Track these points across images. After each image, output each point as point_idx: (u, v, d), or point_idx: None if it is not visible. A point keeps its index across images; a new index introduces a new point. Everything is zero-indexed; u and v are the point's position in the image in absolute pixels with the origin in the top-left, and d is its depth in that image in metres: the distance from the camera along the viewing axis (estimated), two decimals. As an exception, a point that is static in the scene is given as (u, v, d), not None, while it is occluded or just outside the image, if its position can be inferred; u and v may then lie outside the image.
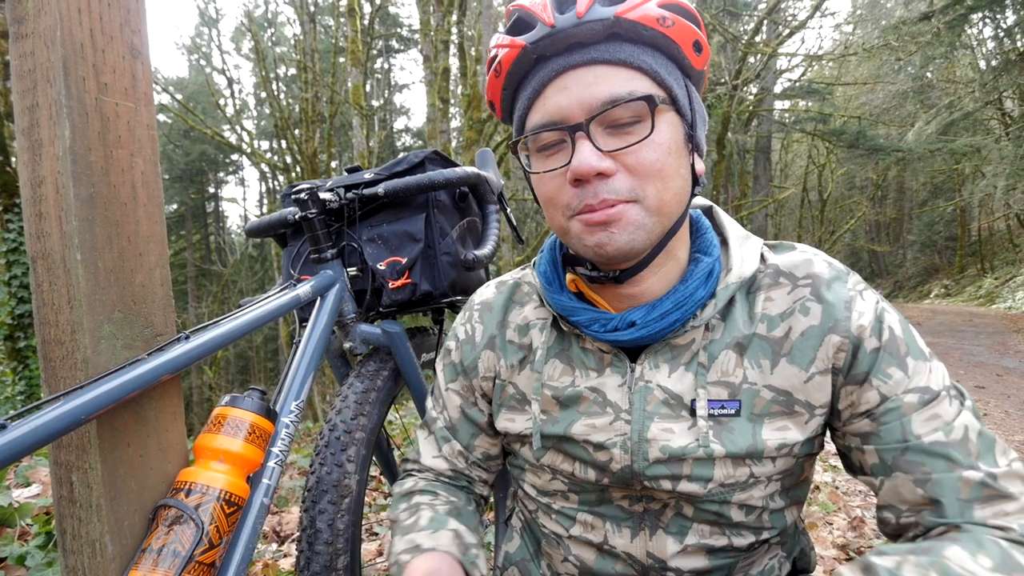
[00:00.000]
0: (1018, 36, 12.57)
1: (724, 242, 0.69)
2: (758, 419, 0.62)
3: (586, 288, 0.69)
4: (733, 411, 0.62)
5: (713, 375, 0.64)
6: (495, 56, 0.63)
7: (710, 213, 0.73)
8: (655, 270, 0.64)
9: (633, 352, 0.67)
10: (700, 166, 0.64)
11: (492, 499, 1.60)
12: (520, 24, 0.61)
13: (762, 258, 0.67)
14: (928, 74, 14.68)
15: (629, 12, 0.56)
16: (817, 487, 2.78)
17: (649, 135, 0.57)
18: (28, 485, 2.11)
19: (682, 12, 0.59)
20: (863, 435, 0.61)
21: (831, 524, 2.40)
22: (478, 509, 0.83)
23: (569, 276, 0.70)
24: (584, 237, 0.60)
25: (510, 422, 0.74)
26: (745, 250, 0.66)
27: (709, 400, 0.63)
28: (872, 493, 0.66)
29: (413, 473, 0.85)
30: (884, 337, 0.60)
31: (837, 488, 2.81)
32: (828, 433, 0.68)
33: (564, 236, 0.64)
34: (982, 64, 15.81)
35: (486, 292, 0.81)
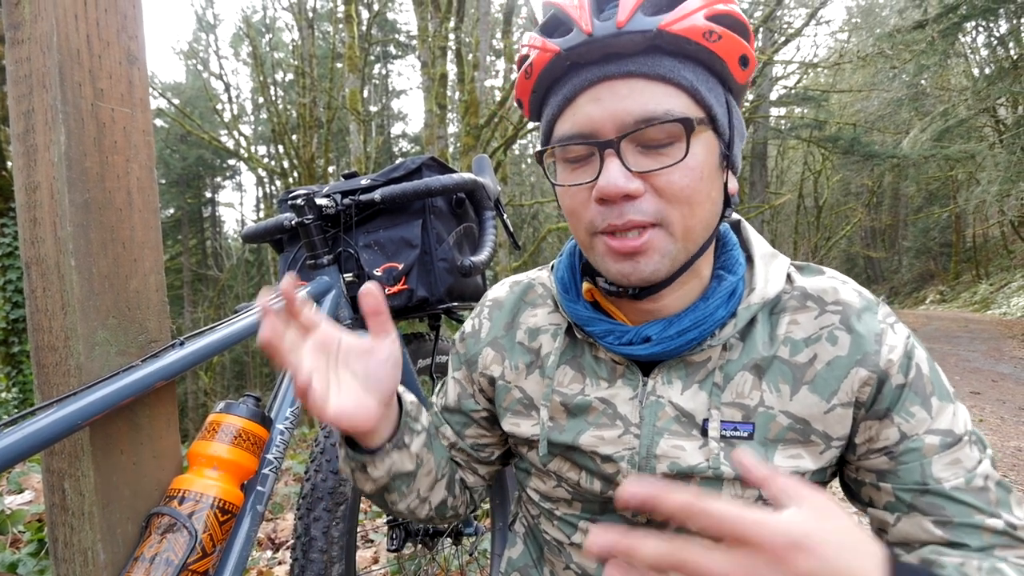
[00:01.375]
0: (1011, 44, 12.69)
1: (749, 259, 0.66)
2: (771, 444, 0.61)
3: (602, 299, 0.68)
4: (746, 434, 0.61)
5: (728, 396, 0.62)
6: (527, 56, 0.60)
7: (737, 227, 0.71)
8: (676, 288, 0.62)
9: (647, 365, 0.66)
10: (733, 184, 0.62)
11: (488, 506, 1.59)
12: (554, 24, 0.59)
13: (788, 278, 0.65)
14: (922, 81, 14.78)
15: (674, 25, 0.53)
16: (814, 493, 2.78)
17: (683, 159, 0.55)
18: (21, 492, 2.10)
19: (732, 24, 0.56)
20: (880, 472, 0.60)
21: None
22: (459, 484, 0.81)
23: (586, 285, 0.68)
24: (608, 263, 0.59)
25: (515, 426, 0.74)
26: (771, 270, 0.64)
27: (722, 421, 0.61)
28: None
29: None
30: (911, 375, 0.58)
31: (835, 494, 2.81)
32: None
33: (587, 251, 0.63)
34: (975, 72, 15.94)
35: (499, 290, 0.80)
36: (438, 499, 0.77)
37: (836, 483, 0.68)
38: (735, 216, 0.71)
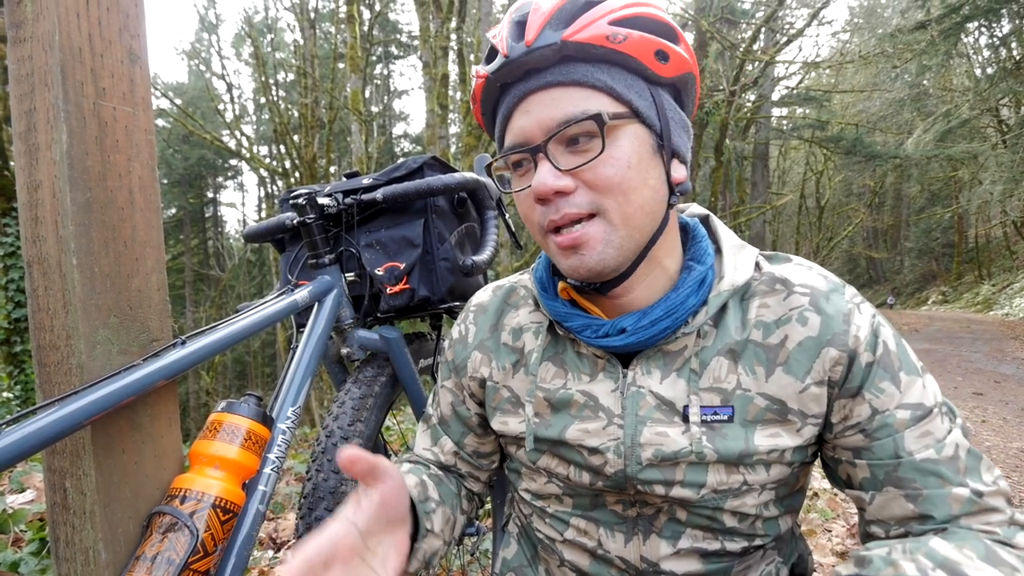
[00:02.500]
0: (1013, 45, 12.68)
1: (719, 250, 0.69)
2: (751, 425, 0.63)
3: (579, 296, 0.70)
4: (726, 417, 0.63)
5: (705, 381, 0.64)
6: (473, 85, 0.66)
7: (707, 222, 0.74)
8: (640, 279, 0.65)
9: (626, 357, 0.68)
10: (679, 173, 0.64)
11: (490, 506, 1.59)
12: (490, 54, 0.64)
13: (757, 266, 0.67)
14: (925, 82, 14.76)
15: (576, 34, 0.57)
16: (816, 494, 2.78)
17: (602, 152, 0.58)
18: (23, 491, 2.10)
19: (642, 24, 0.59)
20: (855, 449, 0.62)
21: (830, 531, 2.39)
22: (467, 499, 0.83)
23: (561, 284, 0.71)
24: (560, 259, 0.63)
25: (503, 424, 0.75)
26: (739, 259, 0.67)
27: (702, 406, 0.63)
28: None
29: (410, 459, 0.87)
30: (878, 352, 0.61)
31: (836, 495, 2.80)
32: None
33: (545, 251, 0.67)
34: (978, 72, 15.90)
35: (483, 295, 0.83)
36: (459, 528, 0.80)
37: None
38: (704, 210, 0.75)
